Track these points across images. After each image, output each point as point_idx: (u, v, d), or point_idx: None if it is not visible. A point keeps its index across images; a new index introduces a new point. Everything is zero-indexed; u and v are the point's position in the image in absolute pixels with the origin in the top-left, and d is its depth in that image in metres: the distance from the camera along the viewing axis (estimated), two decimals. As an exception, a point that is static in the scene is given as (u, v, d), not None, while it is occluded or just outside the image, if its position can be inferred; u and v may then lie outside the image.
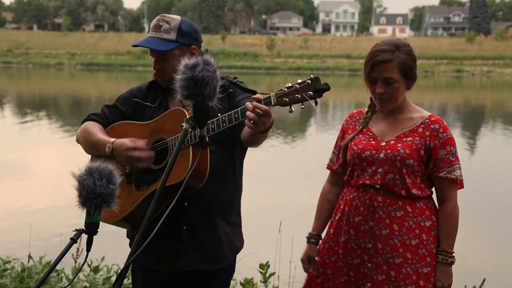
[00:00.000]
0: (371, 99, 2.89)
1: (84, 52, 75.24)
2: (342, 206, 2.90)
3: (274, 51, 74.23)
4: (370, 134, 2.87)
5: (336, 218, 2.92)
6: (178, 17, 2.80)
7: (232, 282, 4.84)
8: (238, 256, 2.98)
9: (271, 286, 4.69)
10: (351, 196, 2.86)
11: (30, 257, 4.99)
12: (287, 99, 2.37)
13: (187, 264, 2.77)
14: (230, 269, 2.95)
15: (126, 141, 2.69)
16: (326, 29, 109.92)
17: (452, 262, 2.75)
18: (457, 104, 32.81)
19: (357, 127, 2.93)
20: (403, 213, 2.75)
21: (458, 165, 2.78)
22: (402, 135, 2.79)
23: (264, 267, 4.51)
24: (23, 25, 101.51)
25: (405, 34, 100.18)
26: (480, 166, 13.16)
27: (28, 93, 36.24)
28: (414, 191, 2.74)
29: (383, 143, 2.80)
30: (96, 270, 4.64)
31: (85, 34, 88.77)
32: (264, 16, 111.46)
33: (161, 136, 2.72)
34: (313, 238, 3.06)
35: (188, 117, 2.04)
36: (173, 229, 2.74)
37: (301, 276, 5.39)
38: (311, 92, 2.36)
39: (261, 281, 4.51)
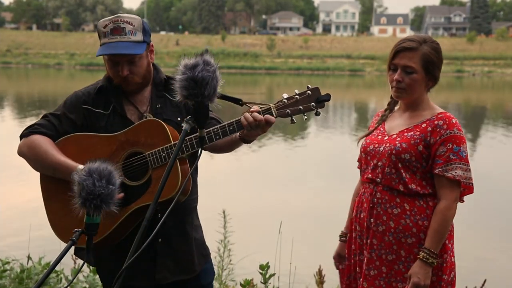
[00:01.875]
0: (391, 97, 2.88)
1: (83, 52, 75.17)
2: (356, 203, 2.92)
3: (274, 51, 74.22)
4: (382, 130, 2.87)
5: (353, 215, 2.94)
6: (137, 16, 2.67)
7: (232, 283, 4.84)
8: (238, 257, 2.97)
9: (271, 287, 4.67)
10: (361, 192, 2.89)
11: (29, 258, 4.97)
12: (289, 111, 2.37)
13: (165, 277, 2.71)
14: (209, 271, 2.91)
15: None
16: (327, 29, 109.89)
17: (432, 263, 2.64)
18: (458, 105, 32.77)
19: (374, 124, 2.94)
20: (400, 211, 2.72)
21: (460, 165, 2.68)
22: (405, 130, 2.77)
23: (264, 268, 4.49)
24: (22, 25, 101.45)
25: (406, 34, 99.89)
26: (481, 166, 13.14)
27: (27, 93, 36.22)
28: (412, 186, 2.70)
29: (386, 137, 2.80)
30: (95, 271, 4.63)
31: (84, 34, 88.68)
32: (264, 16, 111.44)
33: (136, 149, 2.57)
34: (343, 237, 3.06)
35: (187, 117, 2.01)
36: (149, 243, 2.67)
37: (301, 276, 5.40)
38: (314, 104, 2.37)
39: (261, 282, 4.50)
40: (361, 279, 2.81)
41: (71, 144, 2.64)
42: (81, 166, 2.46)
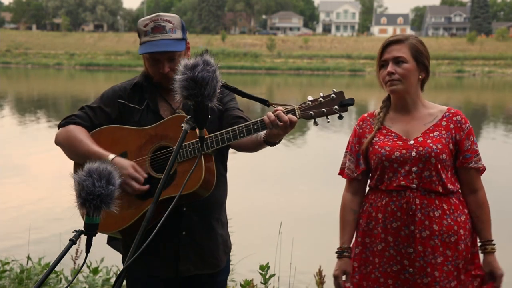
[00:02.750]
0: (383, 101, 2.89)
1: (83, 52, 75.26)
2: (374, 214, 2.81)
3: (274, 51, 74.25)
4: (393, 134, 2.81)
5: (370, 226, 2.83)
6: (175, 15, 2.77)
7: (232, 283, 4.83)
8: (238, 258, 2.98)
9: (271, 287, 4.67)
10: (383, 202, 2.78)
11: (29, 258, 4.97)
12: (312, 113, 2.42)
13: (188, 270, 2.77)
14: (226, 269, 2.97)
15: (128, 166, 2.60)
16: (327, 29, 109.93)
17: (495, 250, 2.81)
18: (458, 105, 32.77)
19: (373, 128, 2.86)
20: (440, 212, 2.73)
21: (480, 155, 2.81)
22: (428, 131, 2.77)
23: (264, 268, 4.49)
24: (22, 25, 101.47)
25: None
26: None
27: (27, 93, 36.23)
28: (449, 186, 2.74)
29: (411, 142, 2.76)
30: (95, 271, 4.63)
31: (84, 34, 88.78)
32: (264, 16, 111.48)
33: (164, 143, 2.65)
34: (345, 252, 2.90)
35: (187, 118, 2.01)
36: (172, 235, 2.72)
37: (301, 277, 5.39)
38: (337, 107, 2.41)
39: (261, 282, 4.49)
40: None
41: (104, 135, 2.73)
42: (112, 155, 2.60)
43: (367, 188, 2.94)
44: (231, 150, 2.89)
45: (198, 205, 2.71)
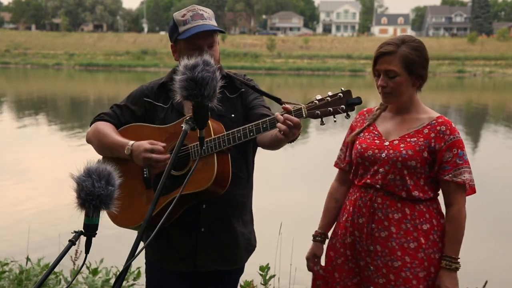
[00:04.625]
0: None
1: (82, 52, 75.23)
2: (348, 207, 2.88)
3: (274, 52, 74.26)
4: (376, 132, 2.83)
5: (343, 219, 2.89)
6: (207, 8, 2.83)
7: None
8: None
9: (272, 288, 4.66)
10: (355, 196, 2.84)
11: (28, 259, 4.96)
12: (318, 112, 2.41)
13: (206, 265, 2.80)
14: (242, 268, 3.01)
15: (144, 143, 2.66)
16: (327, 29, 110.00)
17: (456, 268, 2.69)
18: (459, 105, 32.80)
19: (364, 124, 2.90)
20: (401, 215, 2.71)
21: (466, 169, 2.70)
22: (406, 136, 2.75)
23: (264, 269, 4.48)
24: (21, 25, 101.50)
25: (407, 34, 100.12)
26: (482, 166, 13.12)
27: (26, 94, 36.23)
28: (415, 193, 2.70)
29: (387, 143, 2.77)
30: (95, 272, 4.62)
31: (83, 34, 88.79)
32: (264, 16, 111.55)
33: None
34: (318, 237, 3.03)
35: (187, 118, 2.01)
36: (191, 231, 2.77)
37: (302, 278, 5.38)
38: (343, 106, 2.40)
39: (261, 283, 4.49)
40: (371, 287, 2.78)
41: (129, 133, 2.83)
42: (131, 142, 2.69)
43: None
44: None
45: (217, 203, 2.75)
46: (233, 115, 2.78)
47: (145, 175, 2.76)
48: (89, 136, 2.89)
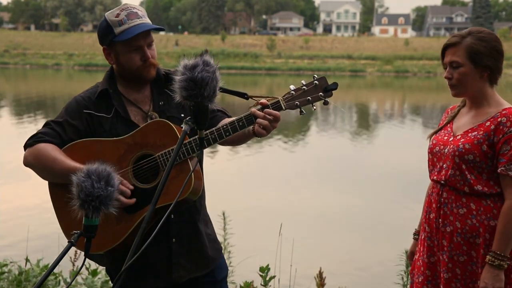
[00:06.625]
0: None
1: (82, 52, 75.13)
2: (426, 203, 2.90)
3: (275, 52, 74.24)
4: (449, 129, 2.83)
5: (423, 215, 2.92)
6: (139, 6, 2.71)
7: (232, 285, 4.81)
8: (238, 259, 2.95)
9: (272, 289, 4.65)
10: (429, 192, 2.86)
11: (27, 260, 4.95)
12: (297, 102, 2.37)
13: (181, 276, 2.72)
14: (223, 266, 2.91)
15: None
16: (327, 29, 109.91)
17: (500, 266, 2.59)
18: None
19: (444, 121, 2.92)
20: (466, 211, 2.69)
21: None
22: (470, 130, 2.73)
23: (264, 270, 4.46)
24: (21, 25, 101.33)
25: (407, 34, 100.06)
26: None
27: (25, 94, 36.21)
28: (478, 187, 2.66)
29: (451, 138, 2.76)
30: (94, 273, 4.60)
31: (83, 35, 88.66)
32: (264, 16, 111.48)
33: (145, 151, 2.54)
34: (416, 235, 3.05)
35: (187, 118, 1.99)
36: (163, 244, 2.67)
37: (302, 279, 5.37)
38: (321, 93, 2.37)
39: (261, 284, 4.47)
40: (441, 284, 2.77)
41: (77, 151, 2.58)
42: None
43: None
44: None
45: (183, 211, 2.66)
46: (182, 115, 2.66)
47: None
48: (29, 162, 2.59)
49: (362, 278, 6.77)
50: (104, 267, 3.02)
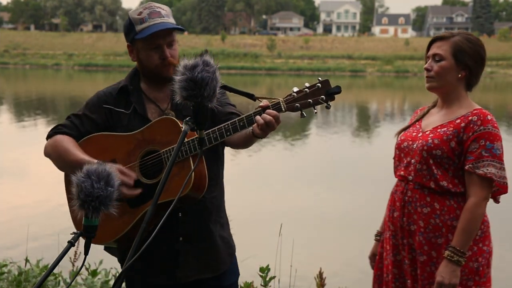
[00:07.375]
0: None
1: (82, 52, 75.20)
2: (389, 202, 2.90)
3: (275, 52, 74.28)
4: (418, 127, 2.85)
5: (386, 213, 2.92)
6: (164, 5, 2.73)
7: (232, 285, 4.80)
8: (238, 260, 2.94)
9: (272, 289, 4.64)
10: (393, 190, 2.86)
11: (27, 260, 4.94)
12: (298, 105, 2.35)
13: (186, 276, 2.72)
14: (233, 271, 2.89)
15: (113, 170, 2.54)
16: (327, 29, 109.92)
17: (459, 262, 2.58)
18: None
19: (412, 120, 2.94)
20: (429, 210, 2.69)
21: (492, 163, 2.61)
22: (439, 126, 2.74)
23: (264, 270, 4.46)
24: (20, 25, 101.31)
25: (407, 34, 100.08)
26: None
27: (25, 94, 36.21)
28: (443, 183, 2.66)
29: (420, 134, 2.77)
30: (94, 273, 4.60)
31: (83, 35, 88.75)
32: (264, 16, 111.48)
33: (152, 147, 2.59)
34: (377, 236, 3.05)
35: (187, 118, 1.98)
36: (169, 242, 2.68)
37: (302, 279, 5.36)
38: (323, 96, 2.35)
39: (261, 285, 4.47)
40: (409, 280, 2.76)
41: (92, 144, 2.69)
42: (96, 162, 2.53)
43: None
44: (226, 150, 2.85)
45: (193, 209, 2.67)
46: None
47: None
48: (47, 151, 2.73)
49: (362, 278, 6.76)
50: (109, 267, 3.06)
